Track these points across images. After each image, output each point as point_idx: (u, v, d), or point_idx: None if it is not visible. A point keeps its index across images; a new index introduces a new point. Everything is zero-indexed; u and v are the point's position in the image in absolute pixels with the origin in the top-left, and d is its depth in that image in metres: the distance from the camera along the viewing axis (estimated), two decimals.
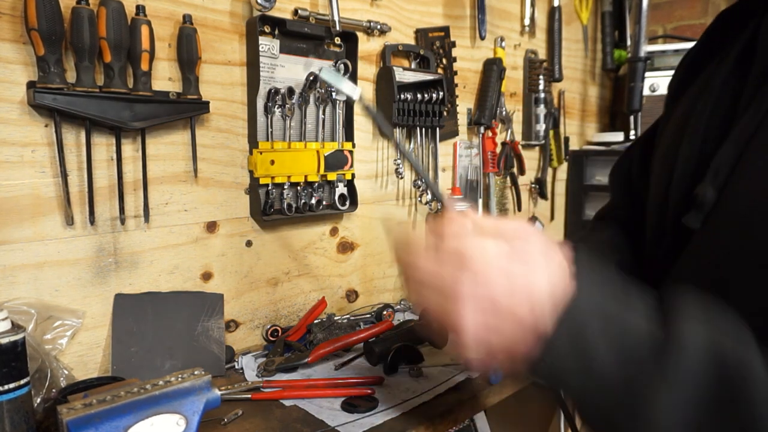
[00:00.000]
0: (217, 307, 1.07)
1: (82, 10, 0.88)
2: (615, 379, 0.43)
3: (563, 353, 0.44)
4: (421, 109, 1.41)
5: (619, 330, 0.44)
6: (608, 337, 0.44)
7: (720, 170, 0.55)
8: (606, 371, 0.43)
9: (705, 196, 0.55)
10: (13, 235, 0.88)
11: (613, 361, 0.43)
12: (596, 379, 0.44)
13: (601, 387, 0.44)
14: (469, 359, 0.48)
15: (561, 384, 0.47)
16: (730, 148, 0.55)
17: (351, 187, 1.30)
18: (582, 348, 0.44)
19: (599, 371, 0.43)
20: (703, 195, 0.55)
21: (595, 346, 0.43)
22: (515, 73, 1.84)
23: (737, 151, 0.54)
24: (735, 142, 0.55)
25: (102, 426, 0.60)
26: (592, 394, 0.45)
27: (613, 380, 0.43)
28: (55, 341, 0.91)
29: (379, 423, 0.85)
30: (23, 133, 0.88)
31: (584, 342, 0.44)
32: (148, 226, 1.02)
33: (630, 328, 0.44)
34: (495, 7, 1.73)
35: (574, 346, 0.44)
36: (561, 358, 0.44)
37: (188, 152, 1.06)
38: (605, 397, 0.44)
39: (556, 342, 0.44)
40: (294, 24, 1.16)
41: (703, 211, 0.56)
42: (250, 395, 0.93)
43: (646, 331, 0.44)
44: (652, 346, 0.43)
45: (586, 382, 0.44)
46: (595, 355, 0.43)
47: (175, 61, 1.03)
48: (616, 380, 0.43)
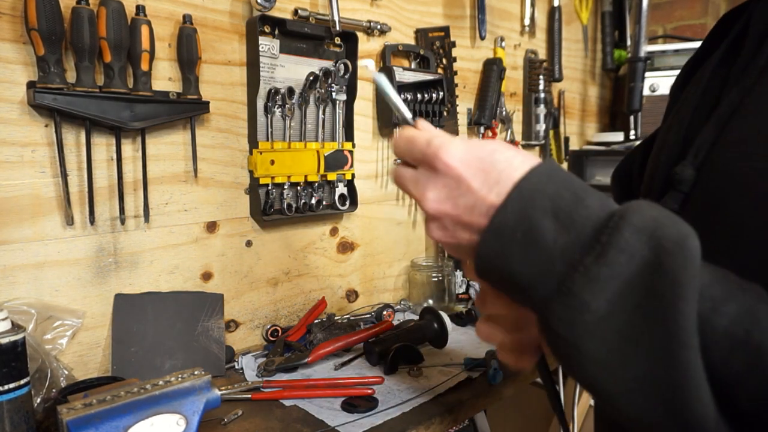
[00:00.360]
0: (217, 307, 1.07)
1: (82, 10, 0.88)
2: (555, 251, 0.42)
3: (510, 223, 0.44)
4: (421, 109, 1.41)
5: (568, 206, 0.43)
6: (555, 211, 0.43)
7: (700, 149, 0.54)
8: (548, 244, 0.43)
9: (683, 175, 0.54)
10: (13, 235, 0.88)
11: (555, 234, 0.42)
12: (537, 252, 0.43)
13: (540, 261, 0.43)
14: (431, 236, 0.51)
15: (504, 262, 0.45)
16: (712, 127, 0.54)
17: (351, 187, 1.30)
18: (528, 218, 0.43)
19: (542, 243, 0.43)
20: (681, 174, 0.54)
21: (542, 217, 0.43)
22: (515, 73, 1.84)
23: (718, 129, 0.53)
24: (717, 121, 0.54)
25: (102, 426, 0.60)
26: (530, 269, 0.44)
27: (553, 252, 0.42)
28: (55, 341, 0.91)
29: (379, 423, 0.85)
30: (23, 133, 0.88)
31: (532, 212, 0.43)
32: (148, 226, 1.02)
33: (579, 206, 0.43)
34: (495, 7, 1.73)
35: (521, 216, 0.43)
36: (507, 227, 0.44)
37: (188, 152, 1.06)
38: (544, 270, 0.43)
39: (505, 210, 0.44)
40: (294, 24, 1.16)
41: (681, 190, 0.55)
42: (250, 395, 0.93)
43: (594, 211, 0.43)
44: (595, 222, 0.42)
45: (528, 255, 0.43)
46: (540, 226, 0.43)
47: (175, 61, 1.03)
48: (555, 252, 0.42)
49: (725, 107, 0.54)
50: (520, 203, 0.44)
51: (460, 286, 1.49)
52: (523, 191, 0.44)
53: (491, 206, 0.45)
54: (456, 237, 0.49)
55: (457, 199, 0.47)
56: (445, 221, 0.49)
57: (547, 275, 0.43)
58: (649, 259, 0.39)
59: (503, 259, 0.44)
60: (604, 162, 1.85)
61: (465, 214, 0.47)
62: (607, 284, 0.40)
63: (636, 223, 0.41)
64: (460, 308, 1.39)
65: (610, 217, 0.42)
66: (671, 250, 0.39)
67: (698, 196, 0.54)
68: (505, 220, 0.44)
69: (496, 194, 0.45)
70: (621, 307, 0.40)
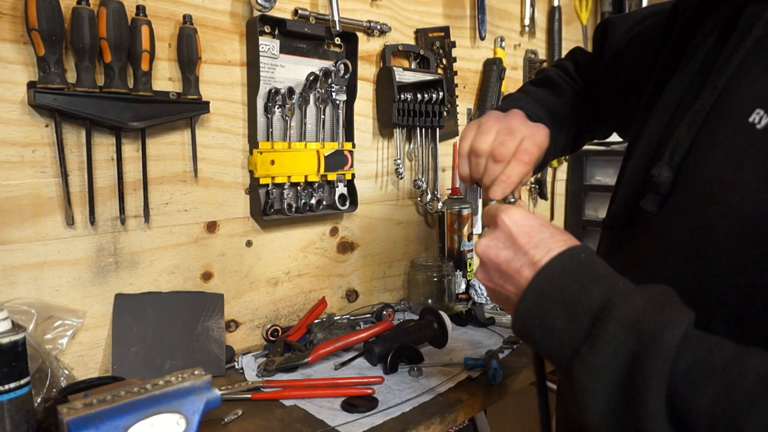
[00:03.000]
0: (217, 307, 1.07)
1: (83, 10, 0.88)
2: (564, 338, 0.50)
3: (531, 311, 0.53)
4: (421, 109, 1.41)
5: (574, 297, 0.51)
6: (564, 301, 0.51)
7: (676, 150, 0.55)
8: (559, 331, 0.51)
9: (660, 177, 0.55)
10: (14, 235, 0.88)
11: (564, 322, 0.50)
12: (552, 336, 0.51)
13: (553, 344, 0.51)
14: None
15: (529, 339, 0.54)
16: (686, 127, 0.54)
17: (351, 187, 1.30)
18: (543, 308, 0.52)
19: (554, 330, 0.51)
20: (659, 176, 0.55)
21: (554, 307, 0.51)
22: (515, 73, 1.84)
23: (693, 129, 0.54)
24: (692, 120, 0.54)
25: (102, 426, 0.60)
26: (548, 348, 0.52)
27: (563, 339, 0.50)
28: (55, 341, 0.91)
29: (379, 423, 0.85)
30: (24, 133, 0.88)
31: (546, 302, 0.52)
32: (148, 226, 1.02)
33: (583, 297, 0.50)
34: (495, 7, 1.73)
35: (539, 306, 0.52)
36: (529, 313, 0.53)
37: (188, 152, 1.06)
38: (557, 352, 0.51)
39: (526, 299, 0.54)
40: (294, 24, 1.16)
41: (659, 192, 0.56)
42: (250, 395, 0.93)
43: (594, 302, 0.50)
44: (593, 313, 0.49)
45: (544, 337, 0.52)
46: (553, 315, 0.51)
47: (175, 61, 1.03)
48: (564, 339, 0.50)
49: (699, 106, 0.54)
50: (537, 294, 0.53)
51: (460, 286, 1.49)
52: (539, 282, 0.53)
53: (528, 263, 0.55)
54: (493, 281, 0.59)
55: (502, 250, 0.57)
56: (488, 266, 0.59)
57: (560, 356, 0.51)
58: (633, 350, 0.45)
59: (529, 335, 0.54)
60: (604, 162, 1.85)
61: (504, 263, 0.57)
62: (599, 371, 0.47)
63: (620, 316, 0.47)
64: (460, 308, 1.39)
65: (602, 309, 0.48)
66: (647, 343, 0.45)
67: (675, 198, 0.55)
68: (527, 308, 0.53)
69: (533, 254, 0.55)
70: (611, 391, 0.46)
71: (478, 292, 1.46)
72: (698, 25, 0.65)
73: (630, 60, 0.82)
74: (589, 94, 0.91)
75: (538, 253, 0.55)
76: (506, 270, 0.57)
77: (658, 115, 0.62)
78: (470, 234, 1.51)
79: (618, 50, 0.86)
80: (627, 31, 0.85)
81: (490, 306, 1.41)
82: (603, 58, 0.89)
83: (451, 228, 1.49)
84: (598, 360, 0.47)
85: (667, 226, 0.55)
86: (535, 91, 0.89)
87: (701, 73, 0.59)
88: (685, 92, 0.60)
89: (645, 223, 0.59)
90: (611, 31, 0.88)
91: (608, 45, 0.88)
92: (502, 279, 0.57)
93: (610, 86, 0.87)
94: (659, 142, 0.60)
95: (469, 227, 1.50)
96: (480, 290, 1.46)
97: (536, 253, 0.55)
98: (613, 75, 0.86)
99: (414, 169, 1.49)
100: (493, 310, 1.38)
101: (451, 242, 1.50)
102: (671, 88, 0.62)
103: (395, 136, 1.42)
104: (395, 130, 1.41)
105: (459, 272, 1.48)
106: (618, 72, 0.85)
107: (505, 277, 0.57)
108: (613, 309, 0.48)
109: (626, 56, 0.84)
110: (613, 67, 0.86)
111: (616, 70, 0.86)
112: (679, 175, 0.54)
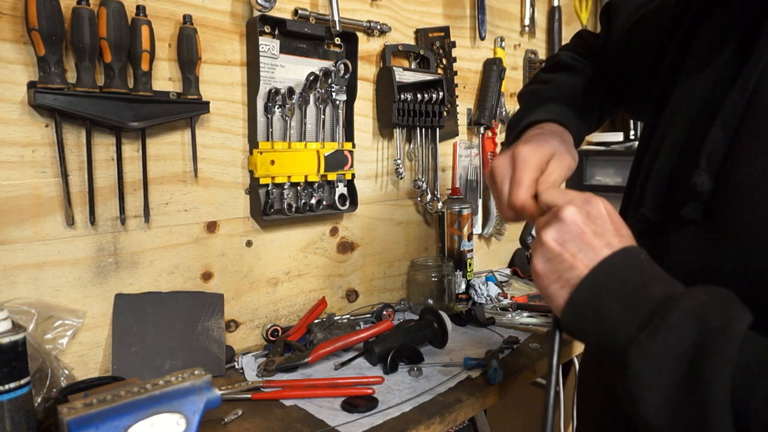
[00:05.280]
0: (217, 307, 1.07)
1: (83, 11, 0.88)
2: (617, 326, 0.50)
3: (585, 299, 0.53)
4: (421, 109, 1.41)
5: (633, 290, 0.51)
6: (621, 293, 0.51)
7: (713, 156, 0.54)
8: (612, 320, 0.50)
9: (704, 186, 0.54)
10: (14, 235, 0.88)
11: (619, 312, 0.50)
12: (604, 324, 0.51)
13: (605, 331, 0.51)
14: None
15: (579, 331, 0.54)
16: (720, 131, 0.54)
17: (351, 187, 1.30)
18: (600, 297, 0.52)
19: (607, 318, 0.51)
20: (702, 185, 0.55)
21: (609, 298, 0.51)
22: (515, 73, 1.84)
23: (728, 135, 0.54)
24: (725, 123, 0.54)
25: (102, 425, 0.60)
26: (597, 334, 0.52)
27: (615, 326, 0.50)
28: (55, 341, 0.91)
29: (379, 423, 0.85)
30: (24, 133, 0.88)
31: (601, 293, 0.52)
32: (148, 226, 1.02)
33: (643, 291, 0.50)
34: (495, 7, 1.73)
35: (593, 296, 0.52)
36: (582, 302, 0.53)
37: (188, 152, 1.06)
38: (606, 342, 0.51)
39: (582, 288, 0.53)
40: (294, 24, 1.16)
41: (701, 201, 0.55)
42: (250, 395, 0.93)
43: (655, 296, 0.50)
44: (653, 305, 0.49)
45: (596, 324, 0.52)
46: (607, 305, 0.51)
47: (176, 61, 1.03)
48: (617, 326, 0.50)
49: (729, 109, 0.54)
50: (595, 283, 0.53)
51: (460, 286, 1.49)
52: (599, 273, 0.53)
53: (607, 244, 0.54)
54: (565, 246, 0.56)
55: (595, 219, 0.55)
56: (568, 229, 0.56)
57: (611, 343, 0.50)
58: (696, 341, 0.46)
59: (577, 323, 0.54)
60: (604, 162, 1.85)
61: (589, 234, 0.55)
62: (658, 359, 0.47)
63: (685, 307, 0.47)
64: (460, 308, 1.39)
65: (665, 300, 0.49)
66: (713, 333, 0.45)
67: (717, 207, 0.54)
68: (582, 295, 0.53)
69: (617, 239, 0.54)
70: (669, 380, 0.46)
71: (478, 292, 1.46)
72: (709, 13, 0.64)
73: (638, 41, 0.82)
74: (603, 75, 0.90)
75: (618, 241, 0.54)
76: (589, 241, 0.54)
77: (681, 114, 0.61)
78: (470, 234, 1.51)
79: (627, 29, 0.85)
80: (633, 12, 0.85)
81: (490, 306, 1.41)
82: (610, 39, 0.88)
83: (451, 228, 1.50)
84: (657, 348, 0.47)
85: (709, 233, 0.55)
86: (555, 83, 0.87)
87: (727, 71, 0.58)
88: (711, 92, 0.59)
89: (679, 229, 0.59)
90: (616, 13, 0.88)
91: (615, 26, 0.87)
92: (578, 247, 0.54)
93: (621, 66, 0.86)
94: (685, 142, 0.60)
95: (469, 227, 1.50)
96: (480, 290, 1.46)
97: (620, 240, 0.54)
98: (623, 56, 0.85)
99: (414, 169, 1.49)
100: (493, 310, 1.38)
101: (451, 242, 1.50)
102: (692, 86, 0.61)
103: (395, 136, 1.42)
104: (395, 130, 1.41)
105: (459, 272, 1.48)
106: (627, 53, 0.84)
107: (583, 246, 0.54)
108: (678, 300, 0.48)
109: (634, 37, 0.83)
110: (622, 48, 0.85)
111: (626, 51, 0.85)
112: (719, 182, 0.54)
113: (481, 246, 1.77)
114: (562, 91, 0.85)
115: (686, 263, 0.57)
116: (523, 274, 1.74)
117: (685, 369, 0.45)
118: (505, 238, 1.81)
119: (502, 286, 1.53)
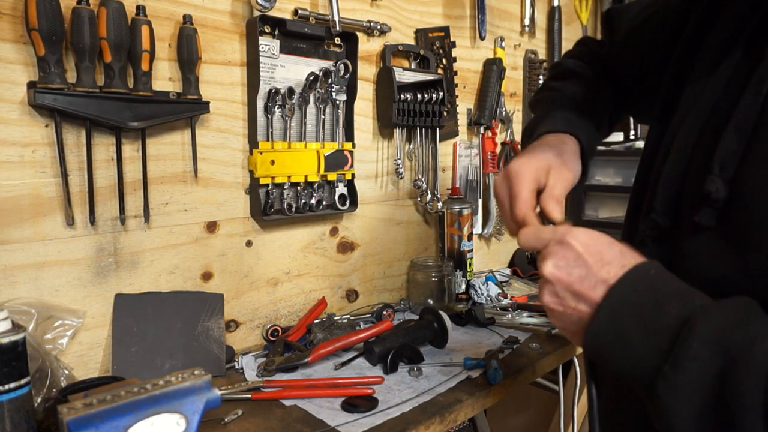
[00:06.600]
0: (217, 307, 1.07)
1: (83, 11, 0.88)
2: (642, 354, 0.50)
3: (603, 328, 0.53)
4: (421, 109, 1.41)
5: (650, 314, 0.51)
6: (639, 318, 0.51)
7: (726, 162, 0.53)
8: (636, 348, 0.50)
9: (717, 193, 0.53)
10: (14, 235, 0.88)
11: (641, 339, 0.50)
12: (629, 353, 0.51)
13: (631, 361, 0.51)
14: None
15: (603, 358, 0.54)
16: (734, 136, 0.53)
17: (351, 187, 1.30)
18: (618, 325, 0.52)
19: (631, 347, 0.51)
20: (716, 192, 0.54)
21: (629, 324, 0.51)
22: (515, 73, 1.84)
23: (742, 140, 0.53)
24: (738, 128, 0.53)
25: (102, 425, 0.60)
26: (624, 365, 0.52)
27: (640, 355, 0.50)
28: (55, 341, 0.91)
29: (379, 423, 0.85)
30: (23, 133, 0.88)
31: (621, 320, 0.52)
32: (148, 226, 1.02)
33: (659, 314, 0.50)
34: (495, 7, 1.73)
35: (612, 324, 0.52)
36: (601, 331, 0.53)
37: (188, 152, 1.06)
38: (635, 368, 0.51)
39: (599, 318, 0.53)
40: (294, 24, 1.16)
41: (716, 207, 0.54)
42: (250, 395, 0.93)
43: (672, 319, 0.49)
44: (672, 330, 0.48)
45: (620, 354, 0.52)
46: (628, 332, 0.51)
47: (176, 61, 1.03)
48: (642, 355, 0.50)
49: (743, 114, 0.53)
50: (611, 312, 0.53)
51: (460, 286, 1.49)
52: (612, 300, 0.53)
53: (600, 280, 0.54)
54: (564, 304, 0.57)
55: (573, 268, 0.56)
56: (557, 287, 0.57)
57: (639, 374, 0.51)
58: (720, 367, 0.45)
59: (603, 354, 0.54)
60: (604, 162, 1.85)
61: (576, 282, 0.55)
62: (685, 390, 0.46)
63: (703, 333, 0.47)
64: (460, 308, 1.39)
65: (683, 324, 0.48)
66: (736, 360, 0.44)
67: (733, 213, 0.54)
68: (599, 326, 0.53)
69: (606, 272, 0.54)
70: (699, 411, 0.46)
71: (478, 292, 1.46)
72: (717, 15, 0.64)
73: (642, 45, 0.82)
74: (609, 81, 0.91)
75: (612, 270, 0.54)
76: (579, 289, 0.55)
77: (691, 117, 0.61)
78: (470, 234, 1.51)
79: (630, 35, 0.85)
80: (634, 18, 0.85)
81: (490, 306, 1.41)
82: (614, 45, 0.88)
83: (451, 228, 1.50)
84: (683, 378, 0.46)
85: (726, 240, 0.54)
86: (565, 91, 0.87)
87: (737, 74, 0.57)
88: (721, 94, 0.58)
89: (693, 234, 0.58)
90: (617, 19, 0.88)
91: (617, 33, 0.88)
92: (575, 299, 0.56)
93: (626, 71, 0.86)
94: (695, 145, 0.59)
95: (469, 227, 1.50)
96: (480, 290, 1.46)
97: (609, 270, 0.54)
98: (628, 61, 0.85)
99: (414, 169, 1.49)
100: (493, 310, 1.38)
101: (451, 242, 1.50)
102: (702, 89, 0.61)
103: (395, 136, 1.42)
104: (395, 130, 1.41)
105: (459, 272, 1.48)
106: (632, 58, 0.84)
107: (578, 296, 0.55)
108: (695, 326, 0.47)
109: (638, 41, 0.83)
110: (627, 53, 0.86)
111: (630, 56, 0.85)
112: (732, 187, 0.53)
113: (481, 246, 1.77)
114: (572, 99, 0.85)
115: (705, 272, 0.56)
116: (523, 274, 1.74)
117: (713, 399, 0.45)
118: (505, 238, 1.81)
119: (502, 286, 1.53)
